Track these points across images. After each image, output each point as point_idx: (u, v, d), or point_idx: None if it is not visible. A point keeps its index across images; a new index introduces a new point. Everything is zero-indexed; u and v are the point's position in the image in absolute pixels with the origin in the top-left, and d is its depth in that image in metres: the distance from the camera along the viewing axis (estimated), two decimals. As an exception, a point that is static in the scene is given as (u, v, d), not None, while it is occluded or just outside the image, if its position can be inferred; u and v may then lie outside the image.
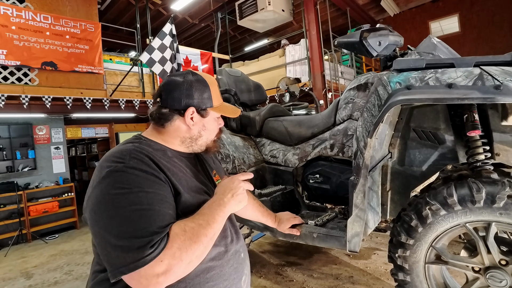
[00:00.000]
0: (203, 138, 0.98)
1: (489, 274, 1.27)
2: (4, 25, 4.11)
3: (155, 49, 4.34)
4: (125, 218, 0.71)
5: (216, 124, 1.02)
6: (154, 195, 0.76)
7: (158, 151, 0.89)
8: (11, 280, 3.40)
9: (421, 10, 8.30)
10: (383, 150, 1.60)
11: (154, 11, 7.50)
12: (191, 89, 0.92)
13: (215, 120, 1.01)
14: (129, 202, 0.73)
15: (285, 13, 6.46)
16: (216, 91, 1.00)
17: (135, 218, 0.71)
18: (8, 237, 4.80)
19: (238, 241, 1.02)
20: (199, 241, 0.75)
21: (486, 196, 1.22)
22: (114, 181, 0.75)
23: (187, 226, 0.76)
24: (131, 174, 0.77)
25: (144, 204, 0.73)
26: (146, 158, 0.82)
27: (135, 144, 0.88)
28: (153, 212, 0.74)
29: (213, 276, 0.87)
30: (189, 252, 0.73)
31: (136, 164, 0.79)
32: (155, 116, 0.94)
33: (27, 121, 5.43)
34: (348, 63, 7.25)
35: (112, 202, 0.73)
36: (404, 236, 1.42)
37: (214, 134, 1.02)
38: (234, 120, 2.39)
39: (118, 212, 0.72)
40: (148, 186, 0.77)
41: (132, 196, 0.74)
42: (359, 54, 1.61)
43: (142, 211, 0.72)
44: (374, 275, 2.42)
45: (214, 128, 1.01)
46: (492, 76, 1.12)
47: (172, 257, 0.70)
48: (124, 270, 0.67)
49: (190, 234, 0.74)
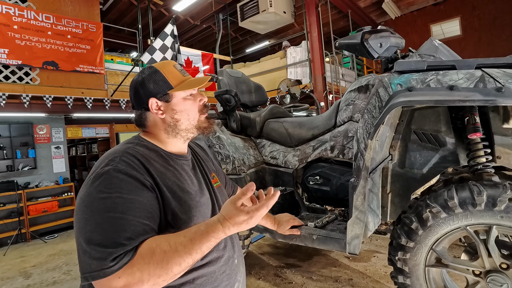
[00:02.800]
0: (182, 121, 0.94)
1: (490, 277, 1.26)
2: (6, 24, 4.12)
3: (156, 50, 4.35)
4: (97, 224, 0.70)
5: (189, 101, 0.95)
6: (132, 202, 0.74)
7: (153, 152, 0.89)
8: (9, 280, 3.39)
9: (423, 13, 8.31)
10: (383, 152, 1.59)
11: (156, 12, 7.52)
12: (145, 82, 0.92)
13: (185, 99, 0.94)
14: (105, 208, 0.72)
15: (287, 15, 6.46)
16: (174, 73, 0.94)
17: (106, 226, 0.70)
18: (7, 236, 4.79)
19: (232, 247, 0.99)
20: (167, 269, 0.67)
21: (487, 199, 1.21)
22: (98, 184, 0.75)
23: (159, 248, 0.69)
24: (115, 177, 0.76)
25: (117, 211, 0.71)
26: (137, 162, 0.81)
27: (130, 146, 0.88)
28: (124, 222, 0.71)
29: (204, 282, 0.86)
30: (152, 277, 0.66)
31: (123, 167, 0.78)
32: (136, 123, 0.97)
33: (28, 120, 5.44)
34: (349, 65, 7.25)
35: (90, 205, 0.73)
36: (404, 238, 1.41)
37: (193, 113, 0.95)
38: (234, 121, 2.38)
39: (93, 217, 0.71)
40: (128, 192, 0.75)
41: (109, 202, 0.72)
42: (361, 56, 1.61)
43: (114, 219, 0.71)
44: (374, 278, 2.40)
45: (189, 107, 0.95)
46: (494, 78, 1.11)
47: (131, 276, 0.66)
48: (88, 277, 0.67)
49: (158, 258, 0.67)
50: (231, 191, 1.32)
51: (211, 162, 1.18)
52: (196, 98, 0.97)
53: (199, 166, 1.05)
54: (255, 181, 2.14)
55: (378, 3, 7.82)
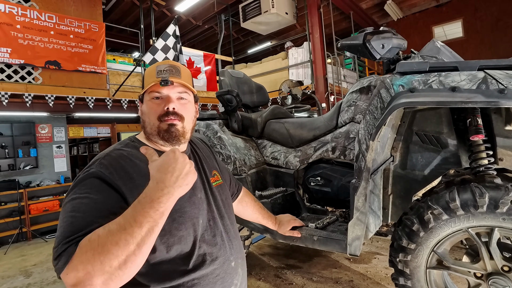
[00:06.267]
0: (146, 123, 0.92)
1: (492, 280, 1.25)
2: (9, 23, 4.14)
3: (158, 50, 4.36)
4: (61, 222, 0.72)
5: (151, 104, 0.91)
6: (96, 202, 0.73)
7: (141, 154, 0.84)
8: (10, 278, 3.39)
9: (425, 15, 8.29)
10: (385, 153, 1.59)
11: (158, 12, 7.54)
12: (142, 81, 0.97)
13: (150, 100, 0.92)
14: (71, 208, 0.73)
15: (289, 16, 6.47)
16: (151, 71, 0.93)
17: (63, 224, 0.72)
18: (8, 235, 4.81)
19: (231, 249, 0.96)
20: (107, 252, 0.62)
21: (489, 201, 1.21)
22: (75, 185, 0.79)
23: (95, 234, 0.65)
24: (88, 179, 0.78)
25: (80, 211, 0.72)
26: (115, 164, 0.83)
27: (117, 147, 0.90)
28: (80, 220, 0.70)
29: (195, 285, 0.84)
30: (95, 265, 0.61)
31: (99, 169, 0.80)
32: (139, 120, 1.00)
33: (30, 120, 5.46)
34: (351, 66, 7.24)
35: (63, 206, 0.76)
36: (405, 240, 1.41)
37: (153, 116, 0.90)
38: (235, 121, 2.38)
39: (61, 217, 0.74)
40: (96, 192, 0.76)
41: (76, 202, 0.74)
42: (362, 57, 1.61)
43: (73, 218, 0.71)
44: (375, 280, 2.40)
45: (149, 110, 0.91)
46: (496, 80, 1.11)
47: (75, 270, 0.62)
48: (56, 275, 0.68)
49: (94, 245, 0.63)
50: (235, 189, 1.31)
51: (214, 160, 1.16)
52: (162, 102, 0.90)
53: (196, 164, 1.02)
54: (256, 182, 2.14)
55: (380, 4, 7.81)
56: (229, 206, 1.07)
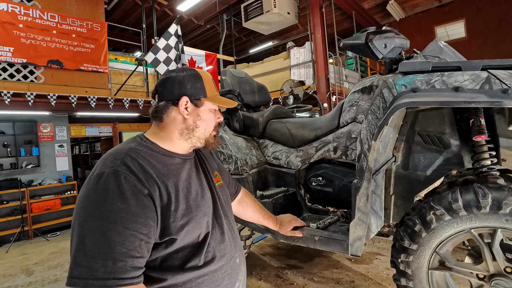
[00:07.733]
0: (199, 129, 0.97)
1: (494, 281, 1.24)
2: (12, 23, 4.15)
3: (160, 50, 4.35)
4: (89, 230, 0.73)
5: (212, 115, 1.00)
6: (126, 212, 0.75)
7: (155, 153, 0.89)
8: (11, 277, 3.40)
9: (427, 15, 8.26)
10: (387, 153, 1.58)
11: (160, 12, 7.54)
12: (184, 80, 0.94)
13: (210, 111, 0.99)
14: (99, 216, 0.74)
15: (291, 16, 6.46)
16: (210, 85, 0.99)
17: (97, 234, 0.73)
18: (10, 233, 4.82)
19: (235, 246, 1.00)
20: None
21: (492, 201, 1.20)
22: (96, 186, 0.77)
23: None
24: (113, 182, 0.77)
25: (110, 221, 0.73)
26: (137, 165, 0.82)
27: (132, 146, 0.88)
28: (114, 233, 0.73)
29: (205, 281, 0.87)
30: None
31: (123, 170, 0.80)
32: (153, 111, 0.96)
33: (32, 119, 5.47)
34: (353, 66, 7.22)
35: (85, 209, 0.75)
36: (407, 241, 1.40)
37: (211, 126, 1.00)
38: (237, 121, 2.38)
39: (86, 222, 0.74)
40: (123, 200, 0.76)
41: (102, 209, 0.74)
42: (365, 57, 1.60)
43: (105, 230, 0.73)
44: (376, 280, 2.39)
45: (210, 119, 0.99)
46: (500, 80, 1.10)
47: None
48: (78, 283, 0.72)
49: None
50: (234, 190, 1.31)
51: (214, 161, 1.18)
52: (216, 114, 1.02)
53: (201, 165, 1.05)
54: (257, 181, 2.13)
55: (383, 4, 7.79)
56: (229, 206, 1.11)
